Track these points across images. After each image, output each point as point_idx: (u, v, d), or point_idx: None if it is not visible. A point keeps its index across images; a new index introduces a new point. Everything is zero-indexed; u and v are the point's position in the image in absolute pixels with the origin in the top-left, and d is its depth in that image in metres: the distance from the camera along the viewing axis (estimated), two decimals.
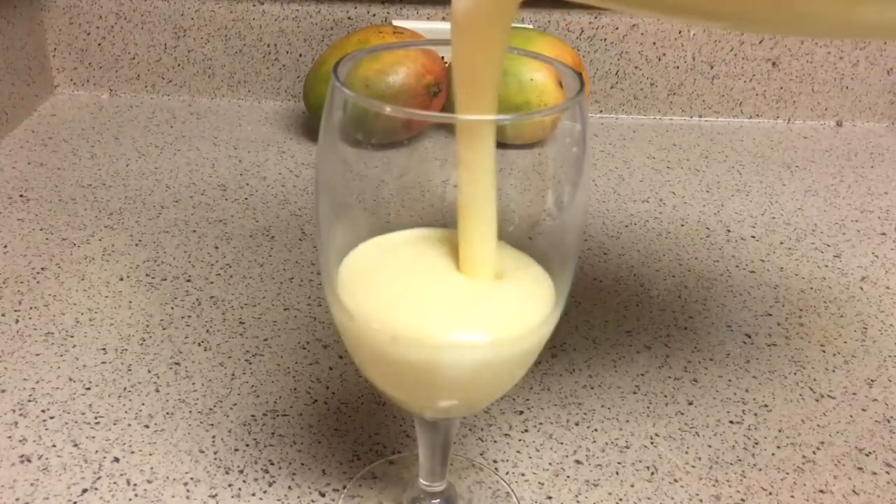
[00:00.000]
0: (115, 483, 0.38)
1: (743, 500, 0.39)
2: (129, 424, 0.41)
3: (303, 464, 0.39)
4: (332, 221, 0.31)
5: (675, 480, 0.39)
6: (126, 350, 0.46)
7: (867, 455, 0.42)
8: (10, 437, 0.40)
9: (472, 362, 0.29)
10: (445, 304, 0.30)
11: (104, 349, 0.46)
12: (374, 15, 0.77)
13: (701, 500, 0.38)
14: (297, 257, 0.55)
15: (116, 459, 0.39)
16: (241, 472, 0.39)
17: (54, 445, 0.40)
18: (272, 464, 0.39)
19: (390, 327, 0.29)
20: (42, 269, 0.53)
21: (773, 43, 0.79)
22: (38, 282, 0.51)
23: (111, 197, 0.62)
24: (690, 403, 0.44)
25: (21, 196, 0.61)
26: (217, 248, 0.56)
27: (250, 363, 0.46)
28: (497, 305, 0.30)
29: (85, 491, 0.37)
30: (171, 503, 0.37)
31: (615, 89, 0.80)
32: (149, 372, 0.45)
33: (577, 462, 0.40)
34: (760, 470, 0.40)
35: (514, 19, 0.28)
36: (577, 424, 0.43)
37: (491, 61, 0.28)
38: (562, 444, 0.41)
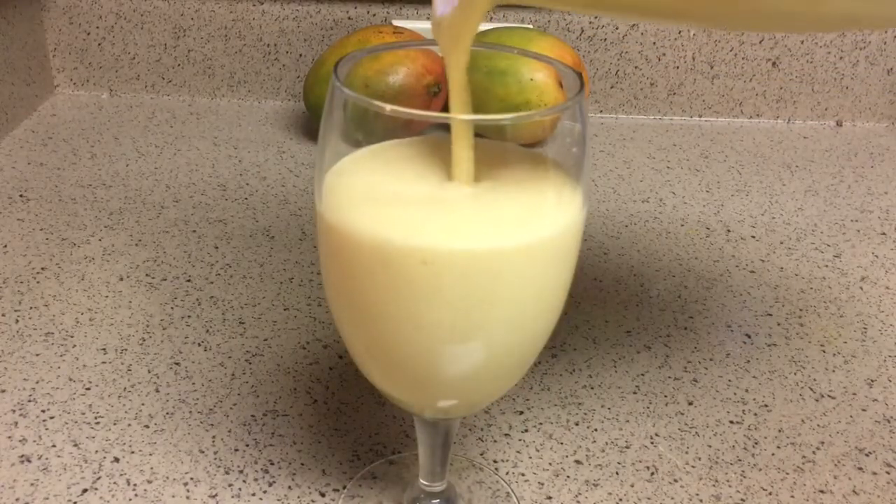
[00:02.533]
0: (115, 483, 0.38)
1: (743, 500, 0.39)
2: (129, 424, 0.41)
3: (303, 464, 0.39)
4: None
5: (675, 480, 0.39)
6: (126, 350, 0.46)
7: (867, 455, 0.42)
8: (10, 437, 0.40)
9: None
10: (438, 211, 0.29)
11: (104, 349, 0.46)
12: (374, 15, 0.77)
13: (701, 500, 0.38)
14: (297, 257, 0.55)
15: (116, 459, 0.39)
16: (241, 472, 0.39)
17: (54, 445, 0.40)
18: (272, 464, 0.39)
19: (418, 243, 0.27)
20: (42, 269, 0.53)
21: (773, 43, 0.79)
22: (38, 282, 0.51)
23: (111, 197, 0.62)
24: (690, 403, 0.44)
25: (21, 196, 0.61)
26: (217, 248, 0.56)
27: (250, 363, 0.46)
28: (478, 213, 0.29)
29: (85, 491, 0.37)
30: (171, 503, 0.37)
31: (615, 89, 0.80)
32: (149, 372, 0.45)
33: (577, 462, 0.40)
34: (760, 470, 0.40)
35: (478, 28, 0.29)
36: (577, 424, 0.43)
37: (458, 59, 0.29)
38: (562, 444, 0.41)
